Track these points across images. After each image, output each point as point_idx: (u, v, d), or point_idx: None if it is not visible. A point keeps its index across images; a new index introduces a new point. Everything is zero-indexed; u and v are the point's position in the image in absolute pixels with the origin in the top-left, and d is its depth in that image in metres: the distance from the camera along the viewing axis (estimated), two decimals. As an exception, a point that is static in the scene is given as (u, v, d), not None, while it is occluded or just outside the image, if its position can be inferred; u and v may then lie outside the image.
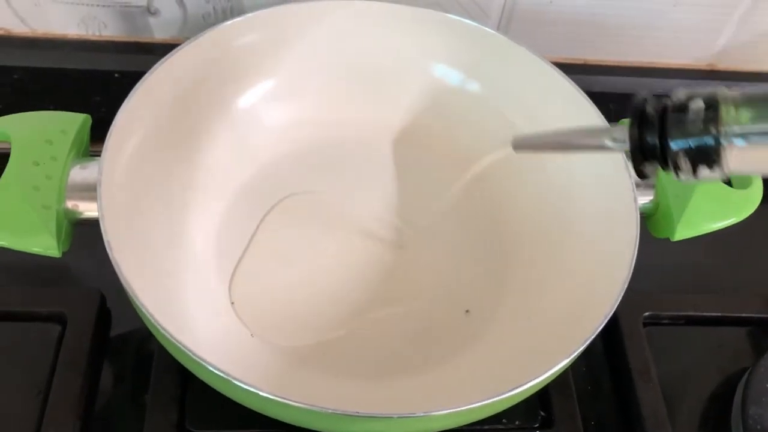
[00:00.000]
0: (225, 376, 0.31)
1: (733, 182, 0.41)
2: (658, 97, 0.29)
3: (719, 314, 0.46)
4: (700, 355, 0.45)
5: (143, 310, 0.32)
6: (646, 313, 0.44)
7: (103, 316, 0.42)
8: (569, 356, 0.33)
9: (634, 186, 0.38)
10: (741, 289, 0.48)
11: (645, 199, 0.40)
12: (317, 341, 0.39)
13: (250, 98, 0.44)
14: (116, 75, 0.48)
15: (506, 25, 0.49)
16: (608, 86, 0.51)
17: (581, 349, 0.34)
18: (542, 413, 0.41)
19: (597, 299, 0.36)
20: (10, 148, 0.38)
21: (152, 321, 0.32)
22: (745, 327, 0.46)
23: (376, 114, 0.47)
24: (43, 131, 0.37)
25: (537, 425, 0.40)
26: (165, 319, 0.32)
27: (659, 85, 0.52)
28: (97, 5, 0.46)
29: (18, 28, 0.48)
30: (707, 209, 0.39)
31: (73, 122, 0.38)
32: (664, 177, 0.40)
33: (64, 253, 0.37)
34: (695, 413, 0.43)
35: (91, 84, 0.48)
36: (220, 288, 0.40)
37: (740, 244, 0.50)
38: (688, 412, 0.42)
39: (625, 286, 0.35)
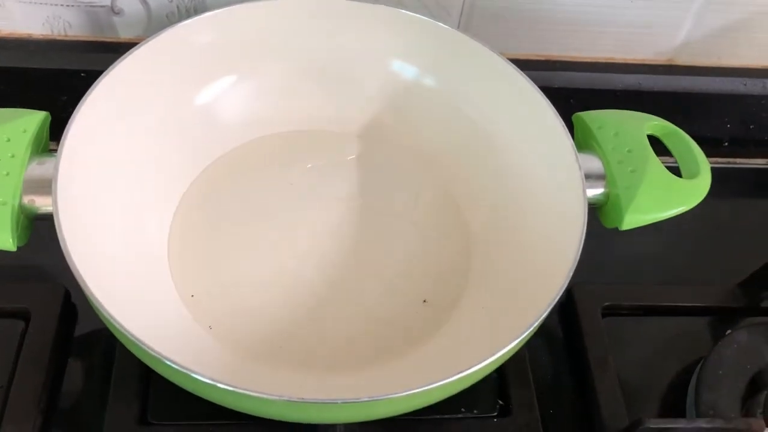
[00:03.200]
0: (180, 369, 0.31)
1: (682, 172, 0.42)
2: None
3: (677, 304, 0.46)
4: (658, 344, 0.45)
5: (98, 305, 0.33)
6: (605, 304, 0.45)
7: (68, 311, 0.42)
8: (515, 340, 0.34)
9: (583, 177, 0.39)
10: (699, 280, 0.49)
11: (596, 190, 0.41)
12: (276, 334, 0.40)
13: (209, 95, 0.45)
14: (82, 74, 0.48)
15: (467, 21, 0.50)
16: (569, 82, 0.52)
17: (526, 334, 0.34)
18: (500, 402, 0.41)
19: (548, 287, 0.36)
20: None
21: (107, 317, 0.32)
22: (703, 317, 0.46)
23: (336, 110, 0.47)
24: (2, 129, 0.38)
25: (495, 414, 0.41)
26: (121, 315, 0.33)
27: (619, 80, 0.52)
28: (62, 5, 0.47)
29: (-17, 28, 0.48)
30: (655, 198, 0.40)
31: (32, 120, 0.39)
32: (614, 168, 0.41)
33: (27, 246, 0.37)
34: (652, 401, 0.43)
35: (57, 83, 0.48)
36: (178, 281, 0.40)
37: (698, 235, 0.51)
38: (645, 400, 0.43)
39: (570, 275, 0.36)
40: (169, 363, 0.32)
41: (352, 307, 0.41)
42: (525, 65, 0.43)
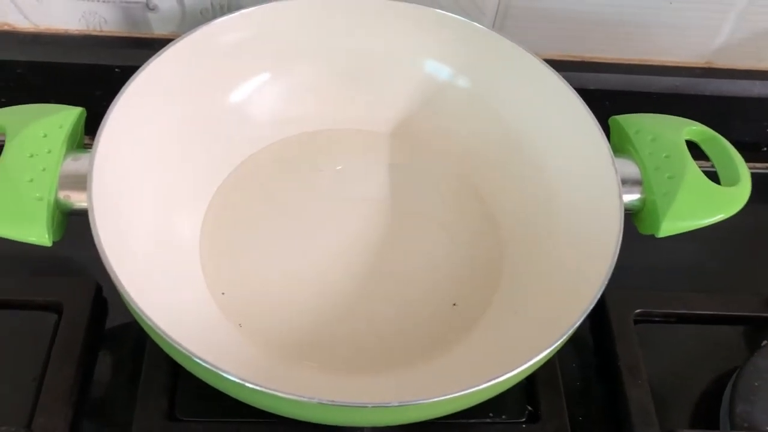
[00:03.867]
0: (210, 367, 0.31)
1: (721, 179, 0.41)
2: None
3: (711, 313, 0.45)
4: (691, 353, 0.45)
5: (130, 301, 0.33)
6: (637, 311, 0.44)
7: (99, 305, 0.42)
8: (548, 348, 0.33)
9: (620, 182, 0.38)
10: (734, 288, 0.48)
11: (632, 196, 0.40)
12: (305, 334, 0.40)
13: (242, 93, 0.45)
14: (116, 70, 0.48)
15: (501, 21, 0.49)
16: (603, 84, 0.51)
17: (560, 342, 0.34)
18: (529, 408, 0.41)
19: (581, 294, 0.36)
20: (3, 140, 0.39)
21: (140, 313, 0.33)
22: (737, 326, 0.45)
23: (368, 109, 0.47)
24: (39, 124, 0.38)
25: (523, 420, 0.40)
26: (153, 311, 0.33)
27: (655, 83, 0.51)
28: (99, 1, 0.47)
29: (21, 24, 0.49)
30: (693, 206, 0.39)
31: (68, 116, 0.39)
32: (651, 173, 0.40)
33: (60, 241, 0.38)
34: (684, 411, 0.42)
35: (91, 78, 0.49)
36: (209, 278, 0.41)
37: (734, 243, 0.50)
38: (677, 409, 0.42)
39: (606, 281, 0.35)
40: (198, 360, 0.32)
41: (381, 309, 0.41)
42: (559, 66, 0.43)
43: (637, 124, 0.42)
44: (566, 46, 0.51)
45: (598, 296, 0.35)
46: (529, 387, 0.41)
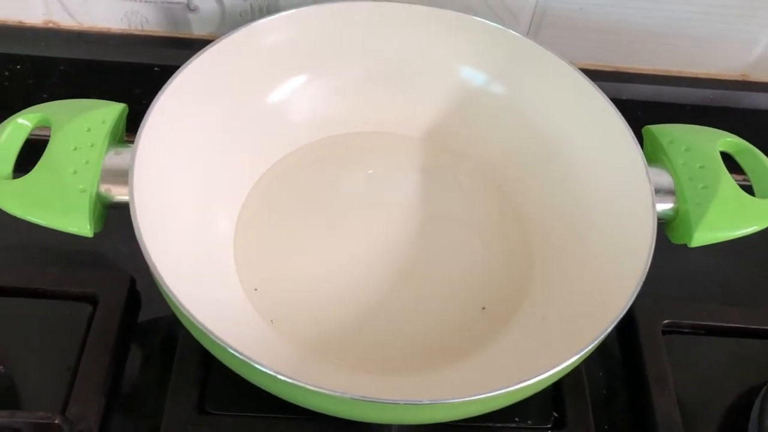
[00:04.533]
0: (244, 358, 0.32)
1: (756, 191, 0.41)
2: None
3: (741, 326, 0.45)
4: (720, 366, 0.44)
5: (168, 293, 0.33)
6: (666, 321, 0.44)
7: (133, 298, 0.43)
8: (578, 353, 0.33)
9: (653, 191, 0.38)
10: (765, 302, 0.48)
11: (665, 205, 0.40)
12: (335, 332, 0.40)
13: (280, 94, 0.46)
14: (156, 68, 0.49)
15: (536, 30, 0.49)
16: (637, 94, 0.51)
17: (590, 348, 0.34)
18: (555, 414, 0.41)
19: (610, 302, 0.36)
20: (44, 135, 0.39)
21: (177, 304, 0.33)
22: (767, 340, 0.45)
23: (403, 113, 0.47)
24: (83, 119, 0.39)
25: (549, 426, 0.41)
26: (189, 303, 0.33)
27: (689, 94, 0.51)
28: (140, 1, 0.48)
29: (66, 22, 0.50)
30: (727, 216, 0.39)
31: (111, 111, 0.40)
32: (685, 183, 0.40)
33: (96, 235, 0.39)
34: (711, 424, 0.42)
35: (132, 76, 0.50)
36: (242, 274, 0.41)
37: (764, 254, 0.50)
38: (704, 422, 0.42)
39: (638, 290, 0.35)
40: (233, 351, 0.32)
41: (411, 310, 0.41)
42: (592, 75, 0.43)
43: (670, 134, 0.42)
44: (600, 56, 0.51)
45: (629, 305, 0.35)
46: (555, 393, 0.41)
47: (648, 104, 0.51)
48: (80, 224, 0.36)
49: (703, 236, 0.39)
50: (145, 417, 0.41)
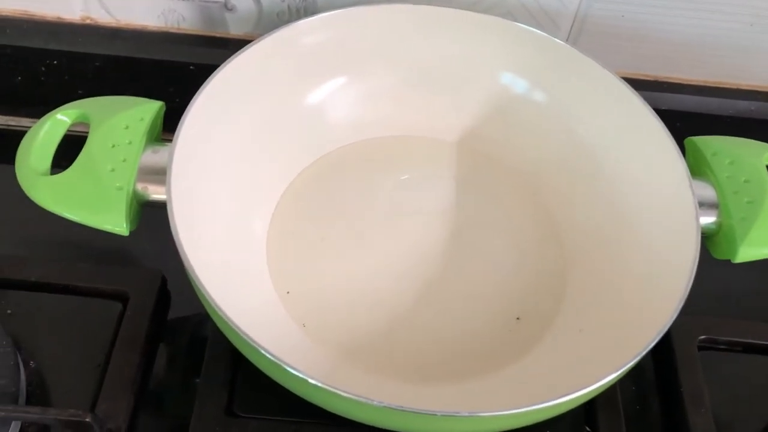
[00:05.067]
0: (277, 362, 0.32)
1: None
2: None
3: (779, 344, 0.44)
4: (757, 384, 0.43)
5: (204, 293, 0.33)
6: (702, 337, 0.43)
7: (163, 297, 0.43)
8: (617, 371, 0.33)
9: (697, 204, 0.38)
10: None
11: (708, 219, 0.40)
12: (367, 339, 0.40)
13: (319, 95, 0.45)
14: (191, 67, 0.49)
15: (576, 37, 0.49)
16: (677, 104, 0.50)
17: (630, 365, 0.33)
18: (587, 428, 0.40)
19: (651, 316, 0.35)
20: (80, 132, 0.40)
21: (212, 304, 0.33)
22: (808, 359, 0.44)
23: (441, 118, 0.47)
24: (121, 116, 0.39)
25: (582, 440, 0.40)
26: (224, 303, 0.33)
27: (730, 106, 0.50)
28: (178, -1, 0.48)
29: (103, 18, 0.50)
30: (773, 233, 0.38)
31: (149, 109, 0.40)
32: (729, 197, 0.39)
33: (131, 233, 0.39)
34: (748, 444, 0.41)
35: (167, 74, 0.50)
36: (275, 277, 0.41)
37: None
38: (741, 442, 0.41)
39: (680, 307, 0.34)
40: (266, 354, 0.32)
41: (444, 319, 0.41)
42: (631, 85, 0.43)
43: (714, 146, 0.41)
44: (639, 64, 0.50)
45: (672, 321, 0.34)
46: (587, 406, 0.40)
47: (687, 115, 0.50)
48: (117, 222, 0.36)
49: (747, 252, 0.38)
50: (173, 417, 0.41)
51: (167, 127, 0.42)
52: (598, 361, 0.36)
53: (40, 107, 0.43)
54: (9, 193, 0.40)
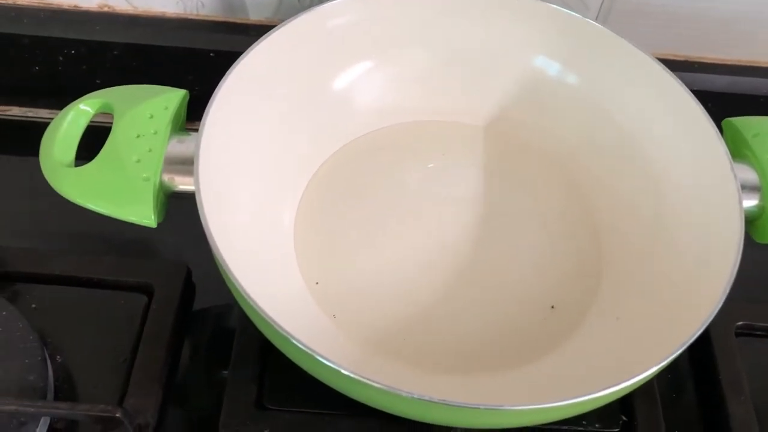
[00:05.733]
0: (310, 352, 0.31)
1: None
2: None
3: (817, 329, 0.43)
4: (795, 370, 0.42)
5: (235, 283, 0.32)
6: (740, 323, 0.42)
7: (189, 289, 0.42)
8: (659, 364, 0.32)
9: (739, 188, 0.37)
10: None
11: (750, 202, 0.39)
12: (398, 329, 0.39)
13: (345, 80, 0.44)
14: (211, 54, 0.48)
15: (605, 16, 0.48)
16: (709, 85, 0.49)
17: (672, 357, 0.32)
18: (624, 418, 0.39)
19: (692, 305, 0.35)
20: (103, 122, 0.39)
21: (243, 295, 0.32)
22: None
23: (471, 102, 0.46)
24: (146, 105, 0.38)
25: (617, 430, 0.39)
26: (254, 293, 0.32)
27: (764, 85, 0.49)
28: (196, -15, 0.48)
29: (121, 6, 0.49)
30: (819, 216, 0.37)
31: (173, 98, 0.39)
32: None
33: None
34: (788, 432, 0.41)
35: (186, 62, 0.49)
36: (303, 267, 0.40)
37: None
38: (781, 430, 0.40)
39: (725, 295, 0.33)
40: (297, 344, 0.31)
41: (476, 308, 0.40)
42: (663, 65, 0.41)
43: (755, 126, 0.40)
44: (671, 44, 0.49)
45: (717, 310, 0.33)
46: (624, 396, 0.40)
47: (720, 95, 0.49)
48: (145, 214, 0.36)
49: (793, 236, 0.37)
50: (202, 410, 0.41)
51: (188, 115, 0.42)
52: (637, 351, 0.35)
53: (59, 98, 0.42)
54: (29, 186, 0.40)
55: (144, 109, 0.38)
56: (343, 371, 0.31)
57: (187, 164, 0.36)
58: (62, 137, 0.38)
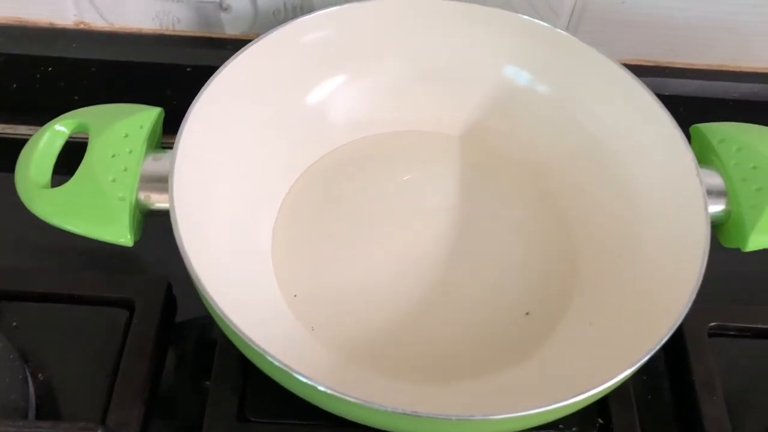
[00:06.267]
0: (285, 368, 0.31)
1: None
2: None
3: (790, 328, 0.44)
4: (768, 369, 0.43)
5: (211, 302, 0.33)
6: (712, 324, 0.43)
7: (169, 303, 0.43)
8: (632, 366, 0.32)
9: (705, 193, 0.37)
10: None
11: (716, 207, 0.39)
12: (376, 340, 0.39)
13: (320, 93, 0.45)
14: (188, 69, 0.49)
15: (576, 25, 0.48)
16: (679, 89, 0.50)
17: (645, 359, 0.33)
18: (600, 421, 0.40)
19: (663, 308, 0.35)
20: (81, 138, 0.39)
21: (218, 312, 0.33)
22: (819, 343, 0.44)
23: (444, 113, 0.47)
24: (120, 125, 0.38)
25: (594, 433, 0.40)
26: (230, 310, 0.33)
27: (733, 89, 0.50)
28: (172, 0, 0.48)
29: (97, 23, 0.49)
30: (783, 220, 0.38)
31: (148, 116, 0.39)
32: (737, 185, 0.39)
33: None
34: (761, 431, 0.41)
35: (163, 77, 0.49)
36: (281, 280, 0.41)
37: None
38: (755, 429, 0.41)
39: (693, 298, 0.34)
40: (274, 361, 0.32)
41: (453, 317, 0.40)
42: (634, 71, 0.42)
43: (721, 132, 0.41)
44: (641, 50, 0.50)
45: (684, 313, 0.34)
46: (600, 399, 0.40)
47: (691, 100, 0.49)
48: (121, 233, 0.36)
49: (758, 240, 0.38)
50: (184, 422, 0.41)
51: (166, 129, 0.42)
52: (611, 356, 0.36)
53: (37, 114, 0.42)
54: (8, 202, 0.40)
55: (119, 129, 0.38)
56: (319, 387, 0.31)
57: (162, 182, 0.36)
58: (38, 158, 0.38)
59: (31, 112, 0.50)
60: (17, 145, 0.40)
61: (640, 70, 0.49)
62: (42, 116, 0.41)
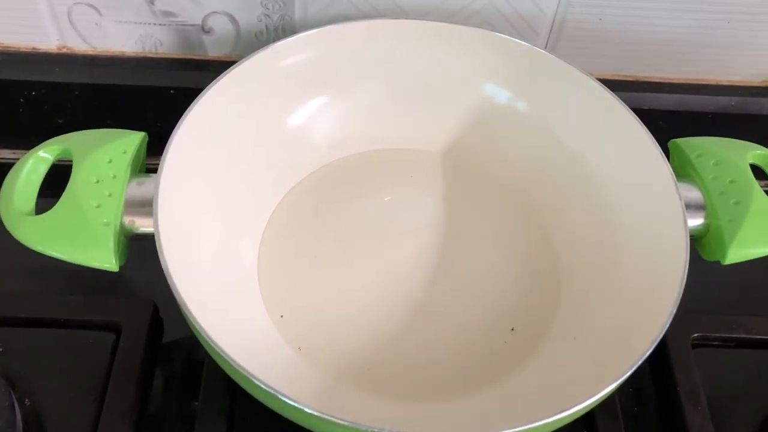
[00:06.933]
0: (272, 391, 0.32)
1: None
2: None
3: (772, 337, 0.44)
4: (752, 379, 0.44)
5: (196, 325, 0.33)
6: (696, 335, 0.43)
7: (156, 325, 0.43)
8: (617, 380, 0.33)
9: (684, 208, 0.38)
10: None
11: (696, 221, 0.40)
12: (363, 359, 0.40)
13: (302, 115, 0.45)
14: (171, 91, 0.49)
15: (555, 42, 0.49)
16: (658, 103, 0.50)
17: (629, 373, 0.33)
18: (586, 432, 0.40)
19: (645, 322, 0.36)
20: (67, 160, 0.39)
21: (204, 335, 0.33)
22: (799, 351, 0.45)
23: (424, 132, 0.47)
24: (104, 150, 0.39)
25: (580, 446, 0.40)
26: (216, 333, 0.33)
27: (711, 102, 0.51)
28: (154, 24, 0.48)
29: (80, 47, 0.49)
30: (762, 232, 0.38)
31: (132, 141, 0.40)
32: (715, 198, 0.40)
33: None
34: (747, 440, 0.42)
35: (146, 100, 0.49)
36: (268, 301, 0.41)
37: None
38: (740, 438, 0.42)
39: (674, 311, 0.35)
40: (259, 384, 0.32)
41: (439, 334, 0.41)
42: (613, 86, 0.43)
43: (698, 147, 0.41)
44: (620, 66, 0.51)
45: (666, 327, 0.34)
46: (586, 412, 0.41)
47: (670, 114, 0.50)
48: (106, 259, 0.36)
49: (737, 253, 0.38)
50: (172, 444, 0.41)
51: (150, 150, 0.42)
52: (595, 370, 0.36)
53: (21, 138, 0.42)
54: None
55: (102, 154, 0.38)
56: (306, 409, 0.31)
57: (147, 206, 0.36)
58: (22, 185, 0.38)
59: (14, 135, 0.51)
60: (1, 169, 0.40)
61: (618, 85, 0.50)
62: (25, 140, 0.41)
